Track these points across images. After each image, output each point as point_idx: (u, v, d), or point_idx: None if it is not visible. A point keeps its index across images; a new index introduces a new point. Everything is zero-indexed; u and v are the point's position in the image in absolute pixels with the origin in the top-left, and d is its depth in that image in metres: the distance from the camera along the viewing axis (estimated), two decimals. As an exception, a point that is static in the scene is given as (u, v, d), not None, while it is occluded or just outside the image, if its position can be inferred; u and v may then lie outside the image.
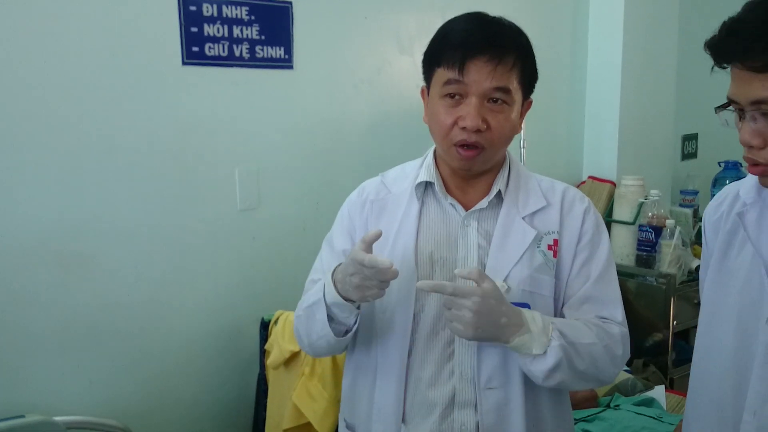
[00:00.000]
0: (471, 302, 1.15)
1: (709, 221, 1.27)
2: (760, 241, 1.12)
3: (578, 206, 1.35)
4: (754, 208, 1.14)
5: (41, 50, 1.79)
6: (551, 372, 1.20)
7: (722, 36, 0.99)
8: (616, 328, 1.30)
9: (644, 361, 2.88)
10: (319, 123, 2.36)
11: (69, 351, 1.91)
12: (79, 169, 1.88)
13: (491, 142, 1.25)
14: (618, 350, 1.29)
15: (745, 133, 1.01)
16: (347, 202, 1.45)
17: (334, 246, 1.42)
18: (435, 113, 1.28)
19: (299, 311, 1.36)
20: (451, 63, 1.22)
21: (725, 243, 1.20)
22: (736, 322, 1.14)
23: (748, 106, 1.00)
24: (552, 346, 1.19)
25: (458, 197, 1.35)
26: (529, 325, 1.18)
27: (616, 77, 3.10)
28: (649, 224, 2.84)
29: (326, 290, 1.26)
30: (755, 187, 1.15)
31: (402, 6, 2.51)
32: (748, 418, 1.10)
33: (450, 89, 1.24)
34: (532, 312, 1.22)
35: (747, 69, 0.97)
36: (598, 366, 1.26)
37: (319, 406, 1.97)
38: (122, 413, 1.96)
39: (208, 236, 2.14)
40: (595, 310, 1.31)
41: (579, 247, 1.33)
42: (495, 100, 1.24)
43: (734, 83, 1.01)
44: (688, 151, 3.86)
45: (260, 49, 2.18)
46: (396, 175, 1.43)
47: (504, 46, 1.22)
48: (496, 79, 1.22)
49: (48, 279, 1.86)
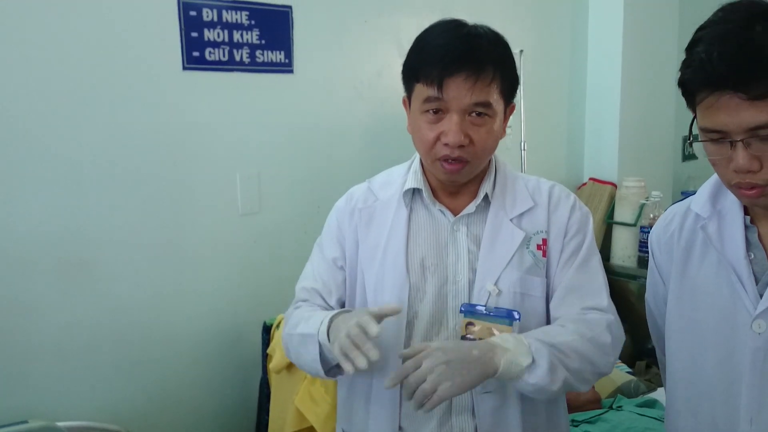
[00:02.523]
0: (434, 356, 1.11)
1: (658, 243, 1.27)
2: (725, 249, 1.12)
3: (564, 203, 1.35)
4: (712, 221, 1.14)
5: (42, 56, 1.80)
6: (551, 373, 1.17)
7: (711, 64, 0.94)
8: (599, 315, 1.28)
9: (647, 363, 2.88)
10: (320, 127, 2.36)
11: (71, 356, 1.91)
12: (79, 175, 1.89)
13: (475, 155, 1.25)
14: (605, 338, 1.26)
15: (742, 159, 0.97)
16: (335, 209, 1.44)
17: (324, 253, 1.42)
18: (417, 128, 1.28)
19: (289, 329, 1.35)
20: (429, 80, 1.21)
21: (682, 260, 1.19)
22: (714, 334, 1.13)
23: (741, 134, 0.96)
24: (536, 348, 1.17)
25: (446, 203, 1.35)
26: (503, 345, 1.16)
27: (616, 79, 3.10)
28: (651, 225, 2.83)
29: (321, 329, 1.24)
30: (709, 200, 1.16)
31: (401, 9, 2.52)
32: (746, 427, 1.09)
33: (430, 106, 1.24)
34: (499, 336, 1.20)
35: (744, 97, 0.93)
36: (589, 359, 1.23)
37: (322, 410, 1.97)
38: (124, 418, 1.97)
39: (209, 241, 2.15)
40: (580, 300, 1.29)
41: (565, 240, 1.33)
42: (477, 114, 1.23)
43: (721, 113, 0.96)
44: (689, 152, 3.86)
45: (260, 54, 2.19)
46: (383, 180, 1.43)
47: (481, 60, 1.21)
48: (476, 95, 1.21)
49: (50, 285, 1.86)
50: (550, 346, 1.18)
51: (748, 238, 1.11)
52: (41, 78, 1.80)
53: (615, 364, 1.32)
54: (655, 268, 1.29)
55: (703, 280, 1.15)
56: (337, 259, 1.39)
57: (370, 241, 1.36)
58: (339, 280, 1.39)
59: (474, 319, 1.24)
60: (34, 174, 1.81)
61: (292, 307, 1.41)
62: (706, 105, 0.98)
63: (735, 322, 1.10)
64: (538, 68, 2.92)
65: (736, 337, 1.10)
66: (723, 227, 1.13)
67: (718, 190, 1.16)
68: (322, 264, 1.41)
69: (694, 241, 1.18)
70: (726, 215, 1.14)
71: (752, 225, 1.11)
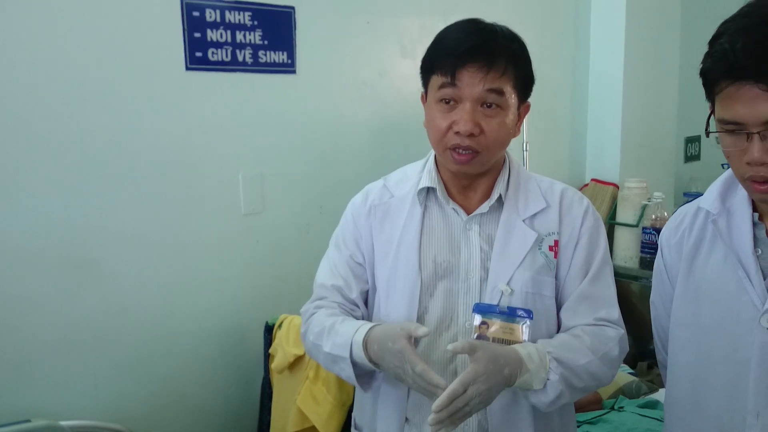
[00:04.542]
0: (482, 383, 1.13)
1: (668, 243, 1.28)
2: (733, 244, 1.13)
3: (577, 207, 1.37)
4: (722, 217, 1.16)
5: (45, 56, 1.80)
6: (551, 404, 1.23)
7: (735, 55, 0.96)
8: (612, 331, 1.32)
9: (648, 364, 2.88)
10: (322, 127, 2.36)
11: (74, 355, 1.91)
12: (83, 175, 1.89)
13: (485, 146, 1.27)
14: (614, 352, 1.30)
15: (757, 151, 0.99)
16: (352, 206, 1.46)
17: (341, 249, 1.43)
18: (431, 118, 1.31)
19: (314, 338, 1.35)
20: (444, 70, 1.25)
21: (690, 256, 1.21)
22: (719, 331, 1.14)
23: (758, 126, 0.98)
24: (551, 381, 1.21)
25: (460, 201, 1.36)
26: (527, 364, 1.19)
27: (618, 80, 3.11)
28: (653, 226, 2.84)
29: (353, 351, 1.26)
30: (718, 198, 1.18)
31: (404, 10, 2.52)
32: (752, 421, 1.10)
33: (444, 94, 1.26)
34: (527, 347, 1.22)
35: (764, 89, 0.95)
36: (596, 377, 1.28)
37: (324, 410, 1.98)
38: (127, 417, 1.97)
39: (212, 241, 2.15)
40: (592, 310, 1.32)
41: (578, 247, 1.34)
42: (489, 104, 1.25)
43: (739, 104, 0.98)
44: (691, 153, 3.86)
45: (263, 54, 2.19)
46: (398, 178, 1.45)
47: (494, 53, 1.24)
48: (488, 83, 1.24)
49: (53, 284, 1.86)
50: (567, 370, 1.22)
51: (756, 234, 1.12)
52: (45, 77, 1.81)
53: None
54: (663, 270, 1.30)
55: (709, 276, 1.17)
56: (355, 254, 1.41)
57: (383, 237, 1.38)
58: (358, 273, 1.41)
59: (488, 319, 1.25)
60: (37, 173, 1.82)
61: (311, 304, 1.42)
62: (725, 96, 1.00)
63: (741, 317, 1.11)
64: (541, 69, 2.87)
65: (742, 333, 1.11)
66: (732, 223, 1.15)
67: (728, 188, 1.18)
68: (339, 260, 1.42)
69: (703, 237, 1.20)
70: (735, 212, 1.15)
71: (760, 222, 1.13)
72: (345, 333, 1.28)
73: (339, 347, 1.28)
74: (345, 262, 1.41)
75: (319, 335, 1.33)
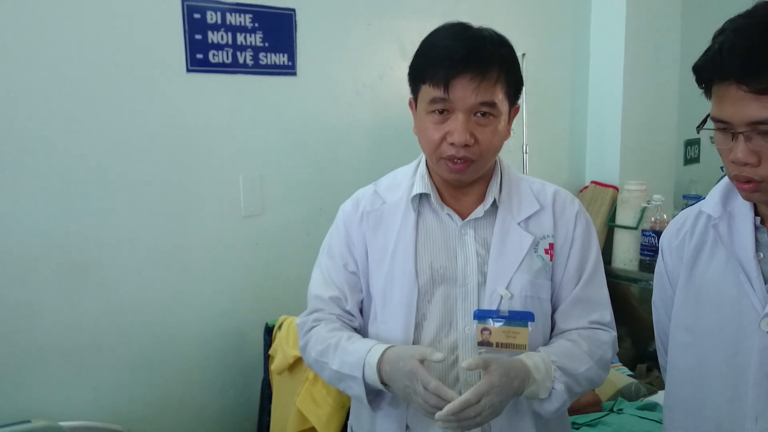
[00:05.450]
0: (495, 395, 1.15)
1: (669, 247, 1.28)
2: (734, 248, 1.13)
3: (569, 209, 1.38)
4: (723, 221, 1.16)
5: (44, 58, 1.80)
6: (556, 411, 1.25)
7: (721, 54, 0.97)
8: (606, 335, 1.34)
9: (647, 366, 2.88)
10: (323, 129, 2.37)
11: (73, 357, 1.91)
12: (82, 177, 1.89)
13: (480, 154, 1.26)
14: (608, 356, 1.34)
15: (740, 151, 1.00)
16: (342, 213, 1.44)
17: (335, 258, 1.41)
18: (423, 128, 1.29)
19: (316, 355, 1.35)
20: (435, 81, 1.23)
21: (691, 259, 1.21)
22: (720, 334, 1.14)
23: (743, 127, 0.98)
24: (556, 390, 1.23)
25: (453, 206, 1.36)
26: (534, 374, 1.21)
27: (618, 82, 3.10)
28: (652, 229, 2.84)
29: (366, 372, 1.25)
30: (720, 201, 1.18)
31: (404, 12, 2.53)
32: (751, 426, 1.10)
33: (436, 106, 1.25)
34: (532, 357, 1.23)
35: (747, 90, 0.95)
36: (593, 382, 1.32)
37: (323, 412, 1.97)
38: (126, 418, 1.97)
39: (212, 242, 2.15)
40: (586, 313, 1.34)
41: (572, 250, 1.35)
42: (482, 113, 1.25)
43: (726, 104, 0.99)
44: (691, 155, 3.87)
45: (264, 56, 2.20)
46: (389, 183, 1.43)
47: (486, 61, 1.23)
48: (481, 95, 1.23)
49: (52, 286, 1.86)
50: (570, 377, 1.25)
51: (758, 238, 1.13)
52: (45, 79, 1.81)
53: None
54: (664, 273, 1.30)
55: (710, 279, 1.17)
56: (348, 263, 1.40)
57: (378, 245, 1.37)
58: (353, 283, 1.40)
59: (488, 325, 1.25)
60: (37, 175, 1.82)
61: (308, 316, 1.41)
62: (716, 94, 1.01)
63: (741, 321, 1.11)
64: (541, 71, 2.92)
65: (743, 336, 1.11)
66: (733, 227, 1.15)
67: (729, 191, 1.18)
68: (333, 269, 1.41)
69: (704, 241, 1.20)
70: (736, 216, 1.16)
71: (762, 226, 1.13)
72: (356, 352, 1.27)
73: (350, 366, 1.27)
74: (339, 272, 1.39)
75: (323, 352, 1.33)
